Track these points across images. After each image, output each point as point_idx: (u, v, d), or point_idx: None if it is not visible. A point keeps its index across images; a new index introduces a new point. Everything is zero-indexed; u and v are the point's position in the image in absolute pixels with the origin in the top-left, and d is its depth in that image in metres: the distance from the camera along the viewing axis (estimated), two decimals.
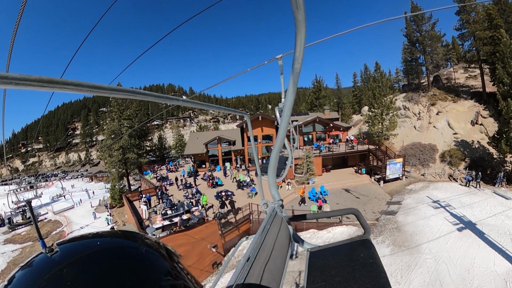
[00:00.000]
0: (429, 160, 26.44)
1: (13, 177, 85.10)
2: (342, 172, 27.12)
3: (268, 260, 0.84)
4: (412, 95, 35.09)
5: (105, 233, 0.52)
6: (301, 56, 0.76)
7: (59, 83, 0.45)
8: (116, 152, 35.64)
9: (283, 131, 1.07)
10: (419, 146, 28.59)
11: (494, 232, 13.38)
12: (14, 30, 2.24)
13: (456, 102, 30.81)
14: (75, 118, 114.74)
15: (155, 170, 40.47)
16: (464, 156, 24.90)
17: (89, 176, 70.34)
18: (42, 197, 24.44)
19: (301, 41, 0.71)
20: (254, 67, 3.42)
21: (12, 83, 0.39)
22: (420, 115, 32.52)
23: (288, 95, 0.92)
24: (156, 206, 20.48)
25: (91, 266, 0.41)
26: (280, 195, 1.35)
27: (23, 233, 25.84)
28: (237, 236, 15.69)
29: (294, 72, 0.81)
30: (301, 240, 1.19)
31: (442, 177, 24.21)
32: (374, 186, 23.25)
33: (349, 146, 27.71)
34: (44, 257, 0.43)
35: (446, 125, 28.90)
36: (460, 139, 26.73)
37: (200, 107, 1.07)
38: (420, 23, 32.84)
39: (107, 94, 0.57)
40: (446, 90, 33.65)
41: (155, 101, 0.75)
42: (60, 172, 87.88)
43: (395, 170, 23.73)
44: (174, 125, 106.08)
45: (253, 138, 1.66)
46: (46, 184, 60.00)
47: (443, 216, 15.80)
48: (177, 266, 0.50)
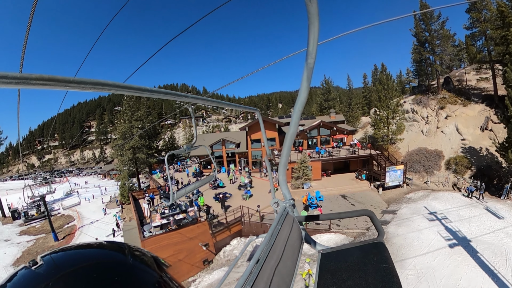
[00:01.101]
0: (433, 167, 26.33)
1: (29, 172, 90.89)
2: (342, 177, 27.62)
3: (279, 262, 0.82)
4: (421, 97, 34.74)
5: (92, 245, 0.53)
6: (314, 51, 0.76)
7: (60, 81, 0.46)
8: (127, 151, 38.05)
9: (294, 127, 1.07)
10: (424, 152, 28.49)
11: (488, 251, 12.80)
12: (27, 32, 2.33)
13: (466, 106, 30.23)
14: (90, 116, 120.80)
15: (163, 170, 42.62)
16: (471, 164, 24.54)
17: (102, 173, 74.12)
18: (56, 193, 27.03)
19: (314, 35, 0.71)
20: (268, 65, 3.51)
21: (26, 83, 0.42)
22: (428, 119, 32.22)
23: (302, 91, 0.92)
24: (157, 205, 22.16)
25: (76, 280, 0.41)
26: (291, 194, 1.32)
27: (37, 225, 28.50)
28: (228, 236, 16.98)
29: (307, 67, 0.82)
30: (312, 241, 1.17)
31: (445, 185, 24.02)
32: (373, 193, 23.54)
33: (351, 150, 28.10)
34: (27, 272, 0.43)
35: (454, 130, 28.60)
36: (467, 145, 26.41)
37: (208, 103, 1.09)
38: (428, 22, 32.44)
39: (112, 90, 0.59)
40: (456, 92, 32.97)
41: (162, 97, 0.77)
42: (75, 169, 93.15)
43: (395, 178, 23.83)
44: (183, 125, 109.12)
45: (264, 135, 1.67)
46: (60, 180, 64.06)
47: (436, 230, 15.48)
48: (165, 277, 0.51)
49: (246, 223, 17.97)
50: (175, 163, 48.61)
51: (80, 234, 23.96)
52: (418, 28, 33.50)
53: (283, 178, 1.29)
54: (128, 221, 26.98)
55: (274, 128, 31.19)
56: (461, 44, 34.54)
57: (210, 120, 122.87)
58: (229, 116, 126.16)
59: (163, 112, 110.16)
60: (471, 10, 29.06)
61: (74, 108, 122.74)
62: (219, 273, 14.18)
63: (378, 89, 31.95)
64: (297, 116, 1.01)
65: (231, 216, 18.06)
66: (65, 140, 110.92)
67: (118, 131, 41.59)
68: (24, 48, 2.51)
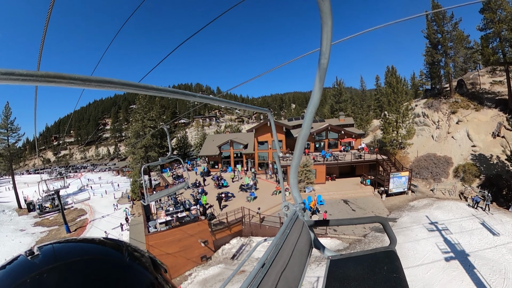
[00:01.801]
0: (441, 174, 26.11)
1: (45, 167, 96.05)
2: (347, 181, 27.94)
3: (286, 267, 0.81)
4: (433, 101, 34.26)
5: (90, 240, 0.53)
6: (328, 51, 0.76)
7: (65, 78, 0.48)
8: (139, 150, 40.02)
9: (307, 128, 1.05)
10: (433, 158, 28.26)
11: (486, 267, 12.31)
12: (44, 30, 2.35)
13: (478, 110, 29.60)
14: (106, 114, 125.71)
15: (173, 169, 44.43)
16: (479, 172, 24.13)
17: (115, 169, 77.13)
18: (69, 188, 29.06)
19: (328, 34, 0.71)
20: (281, 65, 3.62)
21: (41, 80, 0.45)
22: (439, 123, 31.85)
23: (314, 93, 0.91)
24: (163, 203, 23.50)
25: (70, 273, 0.42)
26: (301, 198, 1.31)
27: (51, 218, 30.70)
28: (228, 235, 17.93)
29: (320, 67, 0.81)
30: (322, 246, 1.15)
31: (452, 194, 23.75)
32: (376, 199, 23.68)
33: (357, 155, 28.38)
34: (23, 260, 0.43)
35: (465, 136, 28.15)
36: (478, 152, 25.97)
37: (217, 103, 1.12)
38: (441, 23, 31.92)
39: (117, 88, 0.60)
40: (469, 96, 32.27)
41: (169, 96, 0.79)
42: (89, 164, 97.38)
43: (400, 184, 23.80)
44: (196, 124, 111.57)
45: (276, 135, 1.69)
46: (75, 175, 67.38)
47: (434, 241, 15.17)
48: (160, 278, 0.51)
49: (247, 224, 18.83)
50: (185, 162, 50.31)
51: (91, 227, 25.70)
52: (430, 30, 33.07)
53: (294, 181, 1.28)
54: (137, 216, 28.62)
55: (281, 130, 31.89)
56: (476, 45, 33.69)
57: (223, 119, 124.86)
58: (242, 116, 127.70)
59: (177, 111, 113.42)
60: (485, 10, 28.38)
61: (90, 105, 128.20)
62: (215, 269, 15.10)
63: (388, 93, 32.00)
64: (310, 117, 1.03)
65: (232, 216, 18.95)
66: (80, 137, 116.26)
67: (131, 130, 43.71)
68: (42, 47, 2.57)
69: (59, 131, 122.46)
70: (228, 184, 28.75)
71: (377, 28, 2.83)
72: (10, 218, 31.56)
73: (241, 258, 16.39)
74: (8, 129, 39.18)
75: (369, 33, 3.05)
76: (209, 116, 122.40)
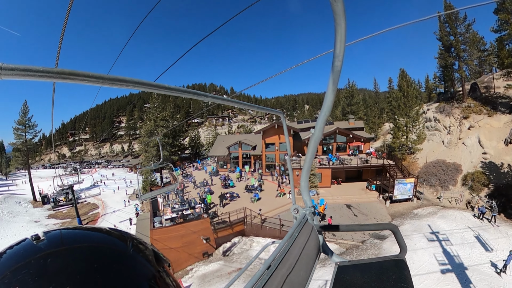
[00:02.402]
0: (449, 182, 25.87)
1: (60, 162, 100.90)
2: (353, 186, 28.19)
3: (291, 270, 0.81)
4: (445, 105, 33.76)
5: (96, 228, 0.55)
6: (341, 53, 0.76)
7: (79, 75, 0.51)
8: (151, 149, 41.93)
9: (319, 131, 1.06)
10: (442, 164, 27.98)
11: (483, 283, 11.99)
12: (63, 29, 2.41)
13: (491, 116, 28.97)
14: (121, 112, 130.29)
15: (184, 168, 46.18)
16: (488, 181, 23.70)
17: (129, 166, 79.96)
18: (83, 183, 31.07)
19: (341, 36, 0.71)
20: (295, 66, 3.63)
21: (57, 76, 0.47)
22: (450, 129, 31.46)
23: (328, 95, 0.92)
24: (170, 200, 24.82)
25: (73, 259, 0.43)
26: (312, 201, 1.28)
27: (64, 211, 32.81)
28: (231, 234, 18.88)
29: (334, 70, 0.82)
30: (330, 251, 1.15)
31: (459, 203, 23.41)
32: (379, 205, 23.78)
33: (363, 159, 28.60)
34: (28, 243, 0.45)
35: (476, 143, 27.70)
36: (488, 160, 25.54)
37: (228, 103, 1.13)
38: (453, 24, 31.36)
39: (129, 87, 0.61)
40: (483, 101, 31.55)
41: (180, 95, 0.80)
42: (104, 161, 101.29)
43: (405, 191, 23.74)
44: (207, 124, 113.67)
45: (288, 137, 1.68)
46: (89, 171, 70.52)
47: (433, 252, 14.93)
48: (162, 272, 0.52)
49: (249, 224, 19.71)
50: (196, 162, 51.94)
51: (102, 221, 27.41)
52: (443, 31, 32.57)
53: (305, 185, 1.29)
54: (146, 212, 30.20)
55: (289, 133, 32.42)
56: (492, 47, 32.81)
57: (236, 120, 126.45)
58: (254, 117, 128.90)
59: (191, 111, 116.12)
60: (499, 11, 27.77)
61: (106, 103, 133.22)
62: (214, 266, 16.08)
63: (398, 96, 31.98)
64: (323, 120, 1.03)
65: (234, 216, 19.87)
66: (95, 134, 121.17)
67: (144, 129, 45.81)
68: (60, 46, 2.63)
69: (74, 128, 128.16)
70: (234, 184, 29.75)
71: (391, 29, 2.89)
72: (25, 209, 33.94)
73: (233, 255, 17.32)
74: (25, 125, 41.94)
75: (384, 34, 3.05)
76: (222, 116, 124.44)
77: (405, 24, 2.88)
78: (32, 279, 0.36)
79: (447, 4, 32.03)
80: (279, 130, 32.69)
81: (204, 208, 21.12)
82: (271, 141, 33.59)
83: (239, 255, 17.45)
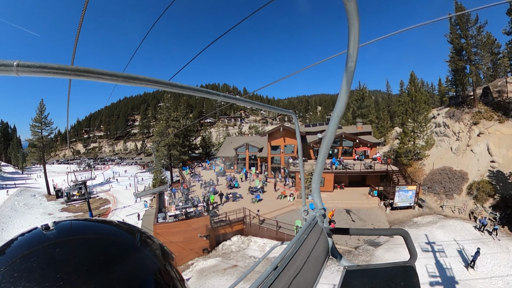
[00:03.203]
0: (454, 190, 25.76)
1: (75, 158, 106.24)
2: (356, 191, 28.41)
3: (299, 272, 0.81)
4: (455, 111, 33.40)
5: (105, 221, 0.56)
6: (355, 54, 0.76)
7: (93, 72, 0.53)
8: (162, 148, 44.14)
9: (332, 133, 1.07)
10: (448, 172, 27.84)
11: None
12: (78, 27, 2.52)
13: (502, 122, 28.41)
14: (135, 111, 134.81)
15: (193, 167, 48.09)
16: (494, 191, 23.32)
17: (141, 164, 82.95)
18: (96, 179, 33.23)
19: (355, 36, 0.71)
20: (308, 67, 3.70)
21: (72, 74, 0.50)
22: (459, 135, 31.11)
23: (341, 96, 0.92)
24: (176, 198, 26.39)
25: (81, 248, 0.45)
26: (323, 204, 1.28)
27: (77, 205, 35.16)
28: (230, 232, 20.15)
29: (347, 71, 0.82)
30: (339, 255, 1.17)
31: (462, 213, 23.22)
32: (379, 212, 24.01)
33: (367, 165, 28.92)
34: (38, 232, 0.47)
35: (485, 150, 27.31)
36: (496, 169, 25.20)
37: (240, 103, 1.15)
38: (464, 26, 30.86)
39: (142, 84, 0.63)
40: (494, 106, 30.89)
41: (193, 94, 0.82)
42: (117, 158, 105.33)
43: (406, 198, 23.78)
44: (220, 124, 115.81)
45: (299, 137, 1.68)
46: (103, 167, 73.79)
47: (425, 263, 14.80)
48: (168, 266, 0.53)
49: (248, 224, 20.88)
50: (205, 162, 53.78)
51: (112, 216, 29.34)
52: (454, 34, 32.18)
53: (317, 186, 1.28)
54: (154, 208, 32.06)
55: (293, 136, 33.38)
56: (509, 49, 31.94)
57: (248, 120, 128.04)
58: (266, 118, 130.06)
59: (204, 111, 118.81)
60: None
61: (120, 102, 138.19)
62: (212, 261, 17.37)
63: (406, 101, 32.12)
64: (336, 121, 1.04)
65: (234, 215, 21.09)
66: (110, 131, 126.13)
67: (156, 130, 48.32)
68: (75, 44, 2.70)
69: (89, 125, 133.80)
70: (239, 185, 30.98)
71: (404, 30, 2.91)
72: (40, 202, 36.62)
73: (230, 253, 18.53)
74: (42, 123, 45.22)
75: (399, 34, 3.08)
76: (234, 117, 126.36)
77: (416, 26, 2.98)
78: (40, 266, 0.38)
79: (458, 5, 31.57)
80: (284, 132, 33.61)
81: (205, 206, 22.46)
82: (276, 143, 34.55)
83: (236, 253, 18.65)
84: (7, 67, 0.46)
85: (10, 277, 0.37)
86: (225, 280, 15.31)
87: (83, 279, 0.38)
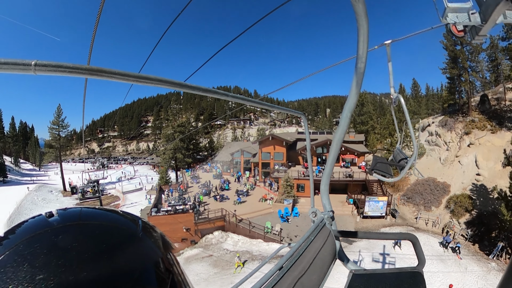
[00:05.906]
0: (433, 202, 26.36)
1: (89, 157, 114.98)
2: (335, 198, 29.85)
3: (304, 273, 0.83)
4: (447, 119, 33.69)
5: (108, 209, 0.59)
6: (365, 54, 0.80)
7: (106, 72, 0.58)
8: (168, 151, 48.40)
9: (341, 133, 1.12)
10: (432, 183, 28.38)
11: None
12: (94, 29, 2.67)
13: (495, 132, 28.43)
14: (148, 112, 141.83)
15: (195, 169, 51.97)
16: (473, 206, 23.32)
17: (152, 164, 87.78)
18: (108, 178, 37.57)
19: (364, 37, 0.74)
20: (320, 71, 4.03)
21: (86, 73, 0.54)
22: (449, 145, 31.25)
23: (351, 97, 0.96)
24: (171, 197, 30.55)
25: (82, 234, 0.46)
26: (331, 206, 1.30)
27: (90, 201, 39.51)
28: (212, 227, 24.04)
29: (357, 72, 0.86)
30: (346, 258, 1.18)
31: (436, 226, 23.78)
32: (350, 219, 25.43)
33: (346, 174, 30.79)
34: (42, 218, 0.49)
35: (472, 162, 27.33)
36: (480, 182, 25.01)
37: (249, 104, 1.20)
38: None
39: (153, 84, 0.68)
40: (490, 115, 30.85)
41: (202, 94, 0.87)
42: (130, 157, 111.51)
43: (376, 208, 24.80)
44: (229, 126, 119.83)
45: (308, 139, 1.72)
46: (116, 167, 79.15)
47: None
48: (169, 255, 0.55)
49: (227, 221, 24.63)
50: (206, 164, 57.54)
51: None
52: (449, 41, 32.52)
53: (325, 188, 1.31)
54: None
55: (282, 144, 36.22)
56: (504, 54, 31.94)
57: (257, 123, 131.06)
58: (275, 120, 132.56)
59: (215, 113, 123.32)
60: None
61: (134, 103, 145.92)
62: (196, 251, 21.83)
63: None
64: (345, 122, 1.08)
65: (216, 213, 24.89)
66: (123, 132, 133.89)
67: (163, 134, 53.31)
68: (91, 45, 2.87)
69: (104, 125, 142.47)
70: (229, 188, 34.20)
71: (410, 36, 3.06)
72: (56, 197, 42.46)
73: (210, 245, 22.37)
74: (59, 125, 52.55)
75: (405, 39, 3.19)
76: (243, 119, 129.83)
77: (417, 32, 3.17)
78: (42, 252, 0.39)
79: None
80: (273, 141, 37.35)
81: (193, 205, 26.28)
82: (266, 150, 37.79)
83: (214, 245, 22.72)
84: (25, 66, 0.51)
85: (13, 261, 0.38)
86: (201, 266, 19.51)
87: (84, 265, 0.39)
